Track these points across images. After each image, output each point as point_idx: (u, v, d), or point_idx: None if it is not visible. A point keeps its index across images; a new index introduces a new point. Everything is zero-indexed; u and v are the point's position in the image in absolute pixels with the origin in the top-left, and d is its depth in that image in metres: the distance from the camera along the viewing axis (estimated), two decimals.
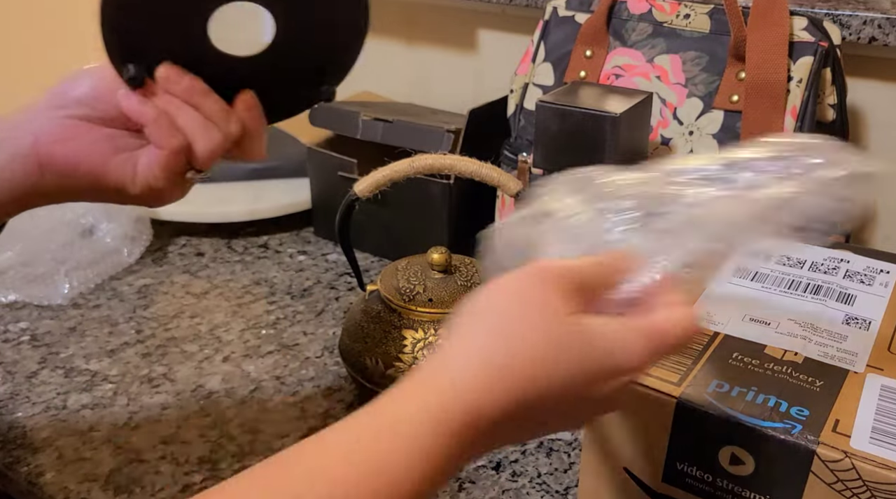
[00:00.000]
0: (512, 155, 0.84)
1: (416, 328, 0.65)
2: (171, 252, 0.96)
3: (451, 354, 0.37)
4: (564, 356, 0.37)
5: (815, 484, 0.43)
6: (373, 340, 0.66)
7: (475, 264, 0.70)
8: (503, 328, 0.37)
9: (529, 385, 0.36)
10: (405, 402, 0.36)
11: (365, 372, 0.66)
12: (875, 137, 0.84)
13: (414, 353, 0.64)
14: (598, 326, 0.38)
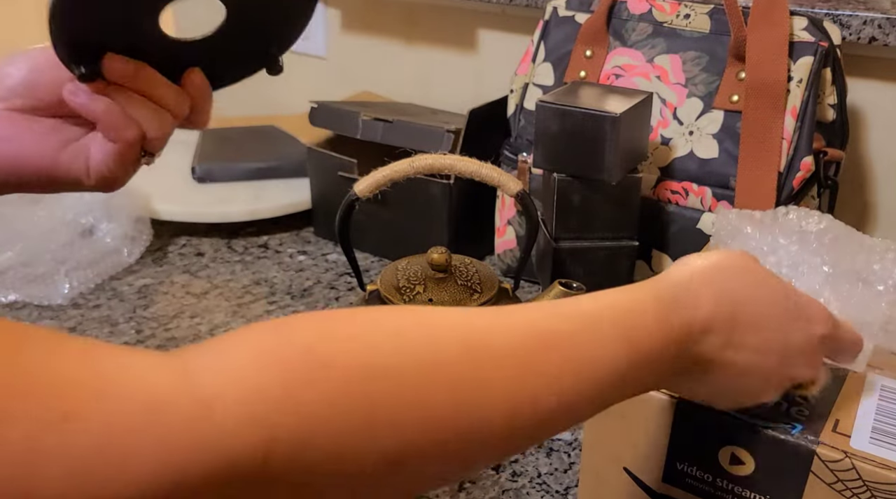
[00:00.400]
0: (512, 155, 0.84)
1: None
2: (171, 252, 0.96)
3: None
4: (769, 284, 0.41)
5: (815, 484, 0.43)
6: None
7: (475, 265, 0.70)
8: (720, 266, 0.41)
9: (739, 287, 0.40)
10: None
11: None
12: (875, 137, 0.84)
13: None
14: None
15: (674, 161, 0.75)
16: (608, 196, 0.69)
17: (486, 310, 0.35)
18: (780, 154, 0.71)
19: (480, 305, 0.64)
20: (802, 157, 0.71)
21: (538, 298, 0.68)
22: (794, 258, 0.51)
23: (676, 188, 0.75)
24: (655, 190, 0.76)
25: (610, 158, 0.66)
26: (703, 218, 0.74)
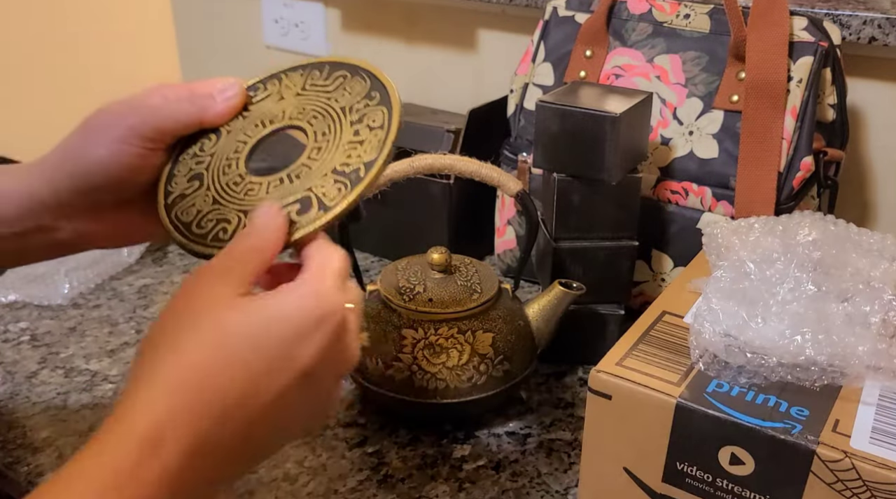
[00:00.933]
0: (512, 155, 0.84)
1: (416, 328, 0.64)
2: (171, 252, 0.96)
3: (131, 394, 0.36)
4: (241, 357, 0.36)
5: (815, 484, 0.43)
6: (372, 340, 0.65)
7: (475, 265, 0.70)
8: (166, 345, 0.36)
9: (214, 395, 0.35)
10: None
11: (365, 372, 0.65)
12: (875, 137, 0.84)
13: (413, 352, 0.63)
14: (261, 302, 0.38)
15: (674, 161, 0.75)
16: (608, 196, 0.69)
17: None
18: (780, 154, 0.71)
19: (480, 304, 0.65)
20: (802, 157, 0.71)
21: (538, 298, 0.68)
22: (782, 274, 0.51)
23: (676, 188, 0.75)
24: (655, 190, 0.76)
25: (610, 158, 0.66)
26: (702, 218, 0.74)
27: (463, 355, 0.63)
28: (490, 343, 0.64)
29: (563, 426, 0.67)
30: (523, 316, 0.68)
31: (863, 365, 0.46)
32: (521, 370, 0.66)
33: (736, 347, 0.47)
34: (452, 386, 0.63)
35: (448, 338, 0.64)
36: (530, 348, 0.67)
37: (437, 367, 0.63)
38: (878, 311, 0.48)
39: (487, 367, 0.64)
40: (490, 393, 0.64)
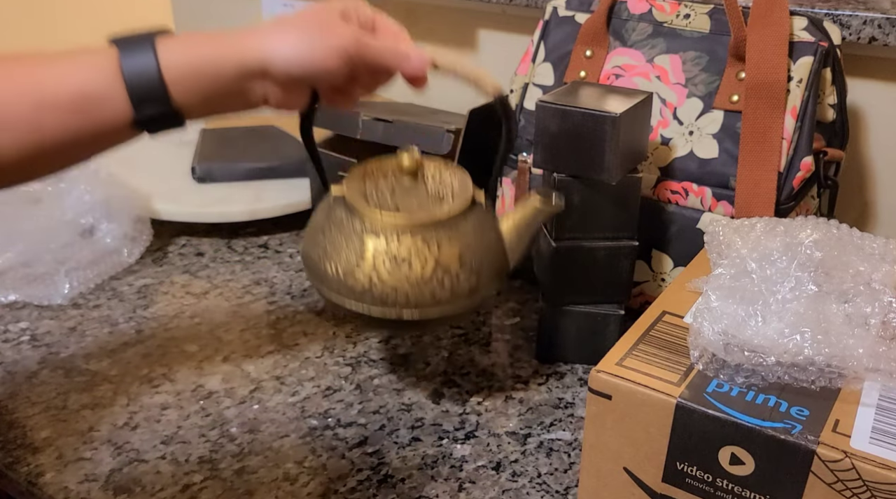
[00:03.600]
0: (512, 155, 0.84)
1: (379, 236, 0.59)
2: (171, 252, 0.96)
3: None
4: None
5: (815, 484, 0.43)
6: (333, 247, 0.61)
7: (450, 170, 0.66)
8: None
9: None
10: None
11: (324, 280, 0.61)
12: (875, 137, 0.84)
13: (374, 263, 0.59)
14: None
15: (674, 161, 0.75)
16: (608, 196, 0.69)
17: None
18: (780, 154, 0.71)
19: (450, 215, 0.61)
20: (802, 157, 0.71)
21: (513, 211, 0.66)
22: (783, 274, 0.51)
23: (676, 188, 0.75)
24: (655, 190, 0.76)
25: (610, 158, 0.66)
26: (702, 218, 0.74)
27: (427, 267, 0.59)
28: (457, 256, 0.60)
29: (563, 426, 0.67)
30: (496, 229, 0.64)
31: (861, 366, 0.46)
32: (488, 286, 0.62)
33: (735, 346, 0.47)
34: (414, 300, 0.59)
35: (411, 248, 0.59)
36: (501, 265, 0.63)
37: (397, 279, 0.59)
38: (878, 313, 0.48)
39: (452, 280, 0.60)
40: (457, 309, 0.61)
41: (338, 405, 0.69)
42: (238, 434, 0.65)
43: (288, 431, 0.66)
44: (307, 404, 0.69)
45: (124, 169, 1.06)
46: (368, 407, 0.69)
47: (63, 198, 0.92)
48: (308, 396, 0.70)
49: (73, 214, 0.90)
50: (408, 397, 0.70)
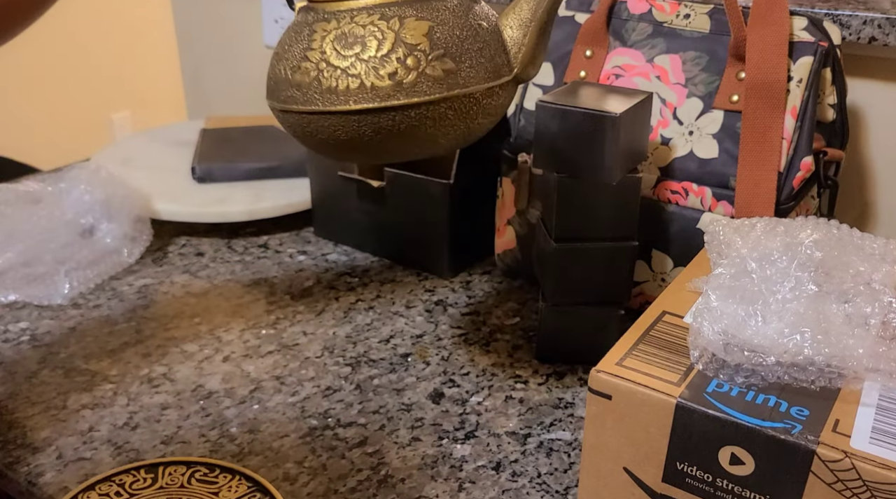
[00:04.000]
0: (512, 155, 0.84)
1: (330, 20, 0.52)
2: (171, 252, 0.96)
3: None
4: None
5: (815, 484, 0.43)
6: (284, 48, 0.54)
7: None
8: None
9: None
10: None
11: (276, 90, 0.55)
12: (875, 137, 0.85)
13: (322, 46, 0.51)
14: None
15: (674, 161, 0.75)
16: (608, 196, 0.69)
17: None
18: (780, 154, 0.71)
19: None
20: (802, 157, 0.71)
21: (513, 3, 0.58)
22: (783, 273, 0.51)
23: (676, 188, 0.75)
24: (655, 190, 0.76)
25: (610, 158, 0.66)
26: (702, 218, 0.74)
27: (384, 44, 0.50)
28: (424, 33, 0.51)
29: (563, 426, 0.67)
30: (489, 20, 0.55)
31: (861, 366, 0.46)
32: (476, 79, 0.52)
33: (735, 346, 0.47)
34: (369, 84, 0.50)
35: (366, 25, 0.51)
36: (497, 58, 0.54)
37: (348, 60, 0.50)
38: (878, 313, 0.48)
39: (418, 61, 0.50)
40: (426, 97, 0.51)
41: (338, 405, 0.69)
42: (238, 434, 0.65)
43: (288, 431, 0.66)
44: (307, 404, 0.69)
45: (124, 169, 1.06)
46: (368, 407, 0.69)
47: (63, 198, 0.92)
48: (308, 396, 0.70)
49: (73, 214, 0.90)
50: (408, 397, 0.70)
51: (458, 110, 0.53)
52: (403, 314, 0.83)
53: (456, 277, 0.90)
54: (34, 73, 2.54)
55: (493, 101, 0.55)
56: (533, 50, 0.56)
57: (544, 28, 0.56)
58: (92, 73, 2.64)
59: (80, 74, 2.61)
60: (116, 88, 2.73)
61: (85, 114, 2.65)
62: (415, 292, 0.87)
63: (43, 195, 0.92)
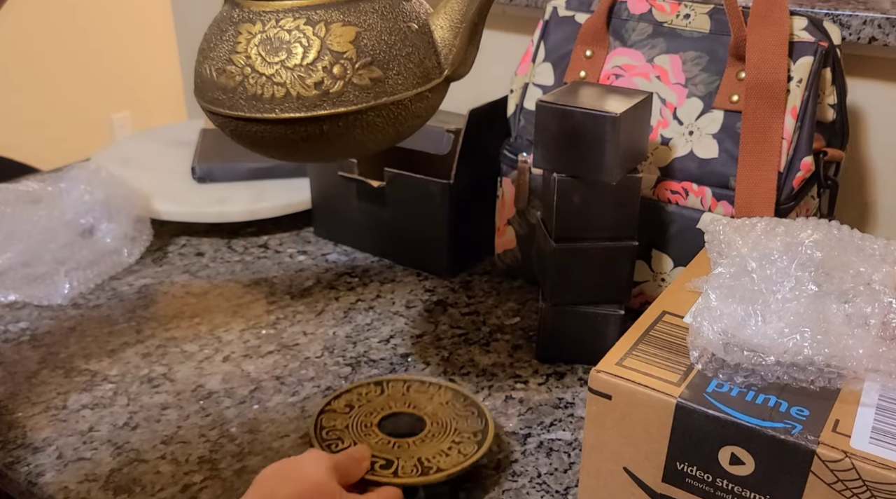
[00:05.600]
0: (512, 155, 0.84)
1: (255, 21, 0.51)
2: (171, 252, 0.96)
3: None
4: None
5: (815, 484, 0.43)
6: (209, 45, 0.53)
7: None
8: None
9: None
10: None
11: (202, 88, 0.53)
12: (875, 137, 0.84)
13: (248, 50, 0.50)
14: None
15: (674, 161, 0.75)
16: (608, 196, 0.69)
17: None
18: (780, 154, 0.71)
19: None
20: (802, 157, 0.71)
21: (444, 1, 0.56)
22: (783, 273, 0.51)
23: (676, 188, 0.75)
24: (655, 190, 0.76)
25: (610, 158, 0.66)
26: (702, 218, 0.74)
27: (309, 52, 0.49)
28: (351, 40, 0.50)
29: (563, 426, 0.67)
30: (419, 20, 0.54)
31: (861, 367, 0.46)
32: (405, 85, 0.52)
33: (734, 346, 0.47)
34: (294, 93, 0.49)
35: (292, 30, 0.50)
36: (427, 61, 0.53)
37: (273, 67, 0.49)
38: (878, 313, 0.48)
39: (345, 70, 0.49)
40: (353, 107, 0.50)
41: None
42: (238, 434, 0.65)
43: (288, 431, 0.66)
44: (307, 404, 0.69)
45: (124, 169, 1.06)
46: None
47: (63, 198, 0.92)
48: (308, 396, 0.70)
49: (73, 214, 0.90)
50: None
51: (387, 117, 0.52)
52: (403, 314, 0.83)
53: (456, 277, 0.90)
54: (34, 73, 2.54)
55: (422, 104, 0.54)
56: (464, 51, 0.55)
57: (475, 28, 0.55)
58: (92, 73, 2.64)
59: (80, 74, 2.61)
60: (116, 88, 2.73)
61: (85, 114, 2.65)
62: (415, 292, 0.87)
63: (43, 195, 0.92)
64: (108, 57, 2.67)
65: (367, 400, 0.66)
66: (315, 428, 0.63)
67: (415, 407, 0.65)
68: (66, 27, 2.52)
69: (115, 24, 2.65)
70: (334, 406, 0.66)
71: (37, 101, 2.52)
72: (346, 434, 0.62)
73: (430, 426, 0.63)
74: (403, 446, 0.61)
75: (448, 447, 0.60)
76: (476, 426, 0.63)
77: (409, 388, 0.68)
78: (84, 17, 2.55)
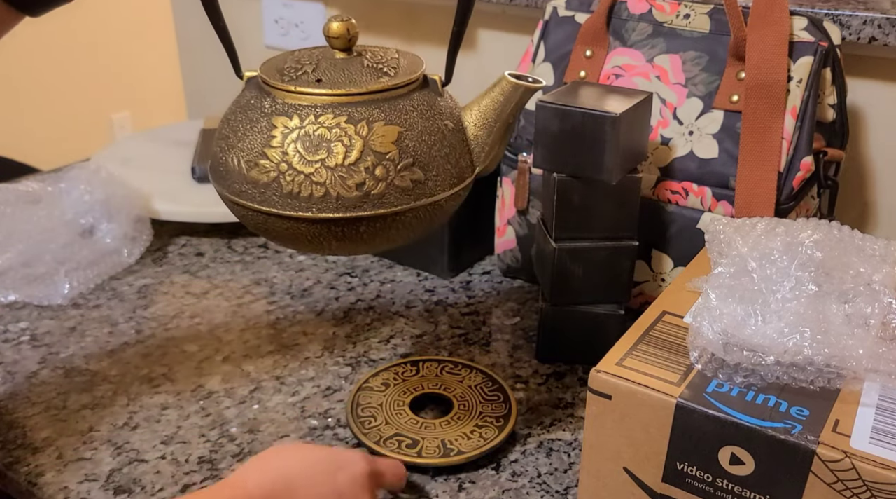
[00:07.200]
0: (512, 155, 0.84)
1: (292, 115, 0.49)
2: (171, 252, 0.96)
3: None
4: (310, 450, 0.52)
5: (815, 484, 0.43)
6: (236, 135, 0.50)
7: (402, 54, 0.56)
8: None
9: (285, 461, 0.50)
10: None
11: (226, 177, 0.51)
12: (875, 137, 0.84)
13: (284, 146, 0.48)
14: None
15: (674, 161, 0.75)
16: (608, 196, 0.69)
17: None
18: (780, 154, 0.71)
19: (387, 89, 0.50)
20: (802, 157, 0.71)
21: (479, 97, 0.56)
22: (783, 273, 0.51)
23: (676, 188, 0.75)
24: (655, 190, 0.76)
25: (610, 158, 0.66)
26: (702, 218, 0.74)
27: (351, 152, 0.48)
28: (394, 140, 0.49)
29: (563, 426, 0.67)
30: (454, 117, 0.53)
31: (861, 367, 0.46)
32: (442, 186, 0.51)
33: (734, 345, 0.47)
34: (335, 193, 0.48)
35: (332, 128, 0.48)
36: (461, 161, 0.53)
37: (313, 166, 0.48)
38: (878, 313, 0.48)
39: (387, 171, 0.48)
40: (393, 209, 0.49)
41: (338, 405, 0.69)
42: (238, 434, 0.65)
43: (288, 431, 0.66)
44: (307, 404, 0.69)
45: (124, 169, 1.06)
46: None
47: (63, 198, 0.92)
48: (308, 396, 0.70)
49: (73, 214, 0.90)
50: None
51: (423, 217, 0.51)
52: (403, 314, 0.83)
53: (456, 277, 0.90)
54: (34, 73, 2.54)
55: (455, 202, 0.54)
56: (497, 150, 0.55)
57: (510, 128, 0.54)
58: (92, 73, 2.64)
59: (80, 74, 2.61)
60: (116, 88, 2.73)
61: (85, 114, 2.65)
62: (415, 292, 0.87)
63: (43, 195, 0.92)
64: (108, 57, 2.67)
65: (403, 379, 0.70)
66: (352, 405, 0.66)
67: (445, 388, 0.69)
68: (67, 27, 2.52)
69: (115, 24, 2.65)
70: (372, 384, 0.69)
71: (37, 101, 2.52)
72: (379, 412, 0.66)
73: (458, 409, 0.66)
74: (430, 426, 0.64)
75: (471, 431, 0.64)
76: (500, 411, 0.66)
77: (442, 369, 0.71)
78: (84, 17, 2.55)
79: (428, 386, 0.69)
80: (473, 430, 0.64)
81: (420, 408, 0.69)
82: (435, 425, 0.65)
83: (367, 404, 0.67)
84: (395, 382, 0.70)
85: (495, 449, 0.62)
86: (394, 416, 0.66)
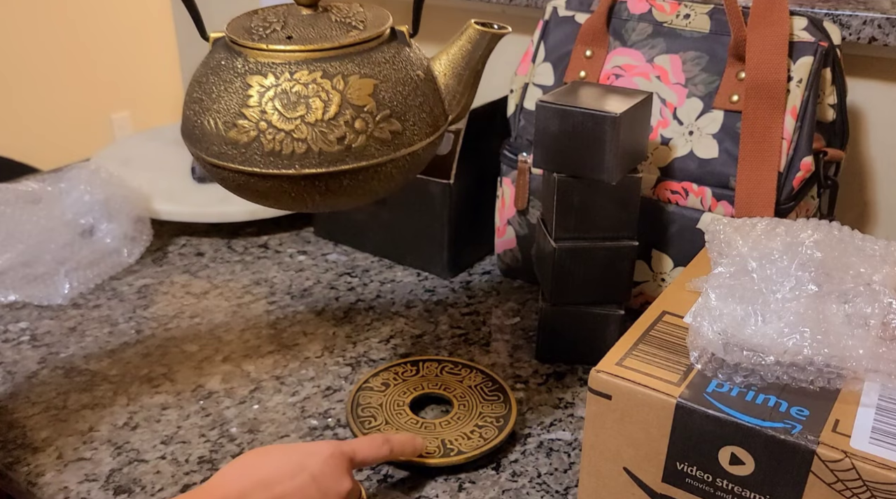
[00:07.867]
0: (512, 155, 0.84)
1: (267, 73, 0.49)
2: (171, 252, 0.96)
3: None
4: (279, 450, 0.53)
5: (815, 484, 0.43)
6: (210, 97, 0.50)
7: (366, 6, 0.56)
8: None
9: (257, 461, 0.52)
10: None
11: (203, 140, 0.51)
12: (875, 137, 0.84)
13: (262, 104, 0.48)
14: None
15: (674, 161, 0.75)
16: (608, 196, 0.69)
17: None
18: (780, 154, 0.71)
19: (358, 43, 0.50)
20: (802, 157, 0.71)
21: (446, 47, 0.57)
22: (783, 273, 0.51)
23: (676, 188, 0.75)
24: (655, 190, 0.76)
25: (610, 158, 0.66)
26: (702, 218, 0.74)
27: (330, 107, 0.48)
28: (370, 93, 0.49)
29: (563, 426, 0.67)
30: (423, 67, 0.54)
31: (861, 367, 0.46)
32: (419, 135, 0.52)
33: (734, 345, 0.47)
34: (316, 149, 0.48)
35: (309, 84, 0.48)
36: (435, 109, 0.53)
37: (293, 123, 0.48)
38: (878, 313, 0.48)
39: (366, 124, 0.49)
40: (374, 160, 0.49)
41: (338, 405, 0.69)
42: (238, 434, 0.65)
43: (288, 431, 0.66)
44: (307, 404, 0.69)
45: (124, 169, 1.06)
46: None
47: (63, 198, 0.92)
48: (308, 396, 0.70)
49: (73, 214, 0.90)
50: None
51: (402, 167, 0.52)
52: (403, 314, 0.83)
53: (456, 277, 0.90)
54: (34, 73, 2.54)
55: (430, 151, 0.54)
56: (468, 98, 0.56)
57: (478, 76, 0.55)
58: (92, 73, 2.64)
59: (80, 74, 2.61)
60: (116, 88, 2.72)
61: (85, 114, 2.65)
62: (415, 292, 0.87)
63: (43, 195, 0.92)
64: (108, 57, 2.67)
65: (403, 379, 0.70)
66: (351, 404, 0.67)
67: (445, 388, 0.69)
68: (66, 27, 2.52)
69: (115, 24, 2.65)
70: (372, 384, 0.69)
71: (37, 101, 2.52)
72: (379, 412, 0.66)
73: (458, 409, 0.67)
74: (430, 426, 0.65)
75: (471, 431, 0.64)
76: (500, 411, 0.66)
77: (442, 369, 0.72)
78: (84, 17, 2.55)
79: (428, 386, 0.69)
80: (473, 430, 0.64)
81: (420, 408, 0.69)
82: (435, 424, 0.65)
83: (367, 403, 0.67)
84: (395, 382, 0.70)
85: (495, 449, 0.62)
86: (394, 416, 0.66)
